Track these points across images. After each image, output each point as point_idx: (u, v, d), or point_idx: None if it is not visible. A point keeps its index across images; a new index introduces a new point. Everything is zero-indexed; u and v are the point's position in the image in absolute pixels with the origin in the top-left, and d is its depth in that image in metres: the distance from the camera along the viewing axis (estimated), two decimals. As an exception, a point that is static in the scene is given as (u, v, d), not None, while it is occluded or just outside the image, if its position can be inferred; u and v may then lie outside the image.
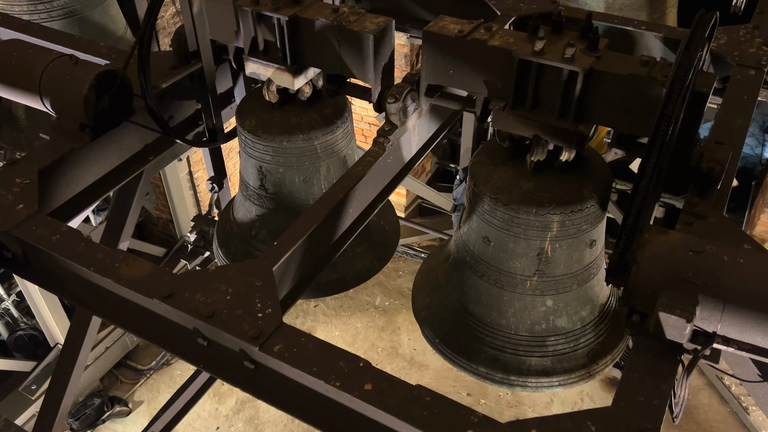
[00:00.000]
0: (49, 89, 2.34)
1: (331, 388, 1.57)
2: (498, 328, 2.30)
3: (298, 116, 2.69)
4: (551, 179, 2.16)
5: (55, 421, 3.05)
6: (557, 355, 2.29)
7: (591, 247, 2.25)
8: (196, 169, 7.33)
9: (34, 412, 6.37)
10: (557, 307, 2.28)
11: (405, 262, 8.60)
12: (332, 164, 2.82)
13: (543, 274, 2.23)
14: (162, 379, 7.46)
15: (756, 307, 1.50)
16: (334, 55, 2.36)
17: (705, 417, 6.62)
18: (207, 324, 1.72)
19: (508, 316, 2.29)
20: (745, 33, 2.53)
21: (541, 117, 2.04)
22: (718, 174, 1.87)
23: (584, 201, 2.12)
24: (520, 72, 2.00)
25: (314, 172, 2.79)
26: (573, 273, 2.26)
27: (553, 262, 2.21)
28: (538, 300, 2.27)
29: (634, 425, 1.46)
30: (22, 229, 2.00)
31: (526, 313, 2.28)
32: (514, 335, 2.29)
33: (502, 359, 2.29)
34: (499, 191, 2.17)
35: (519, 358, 2.28)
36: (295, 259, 2.02)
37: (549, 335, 2.29)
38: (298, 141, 2.68)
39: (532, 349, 2.29)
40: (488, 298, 2.31)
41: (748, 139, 2.15)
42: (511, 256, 2.23)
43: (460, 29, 2.09)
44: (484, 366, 2.29)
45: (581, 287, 2.30)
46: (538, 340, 2.29)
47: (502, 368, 2.28)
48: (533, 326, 2.29)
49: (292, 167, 2.76)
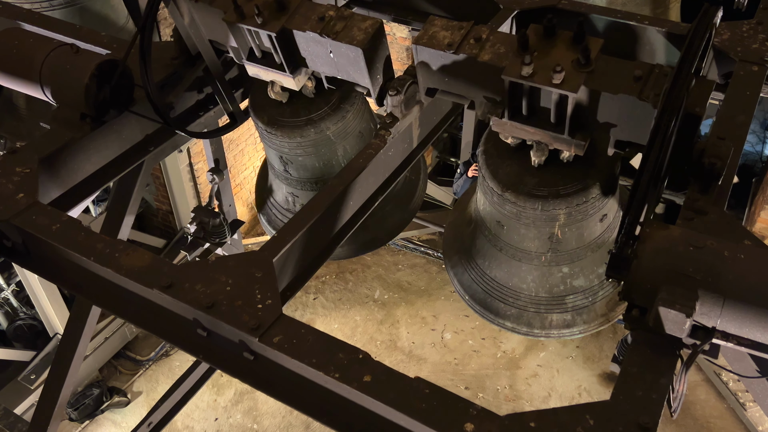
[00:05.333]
0: (49, 78, 2.33)
1: (330, 380, 1.57)
2: (520, 291, 2.46)
3: (307, 109, 2.70)
4: (555, 173, 2.17)
5: (54, 410, 3.06)
6: (577, 309, 2.45)
7: (602, 221, 2.31)
8: (197, 161, 7.32)
9: (33, 402, 6.38)
10: (573, 271, 2.40)
11: (405, 255, 8.60)
12: (348, 144, 2.86)
13: (556, 251, 2.33)
14: (161, 369, 7.47)
15: (756, 303, 1.50)
16: (329, 61, 2.34)
17: (702, 412, 6.64)
18: (207, 314, 1.72)
19: (528, 282, 2.43)
20: (748, 29, 2.52)
21: (538, 125, 2.04)
22: (719, 170, 1.87)
23: (588, 191, 2.15)
24: (512, 89, 1.99)
25: (332, 156, 2.85)
26: (586, 245, 2.35)
27: (565, 241, 2.30)
28: (555, 269, 2.39)
29: (632, 419, 1.46)
30: (22, 219, 2.00)
31: (545, 279, 2.42)
32: (535, 296, 2.45)
33: (526, 316, 2.48)
34: (505, 187, 2.21)
35: (541, 314, 2.46)
36: (296, 251, 2.03)
37: (568, 294, 2.43)
38: (310, 135, 2.72)
39: (552, 306, 2.45)
40: (508, 267, 2.45)
41: (748, 136, 2.15)
42: (523, 239, 2.34)
43: (449, 41, 2.06)
44: (510, 321, 2.50)
45: (596, 252, 2.38)
46: (557, 299, 2.44)
47: (526, 323, 2.48)
48: (552, 288, 2.42)
49: (310, 156, 2.83)
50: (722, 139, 1.99)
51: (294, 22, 2.27)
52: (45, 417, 3.07)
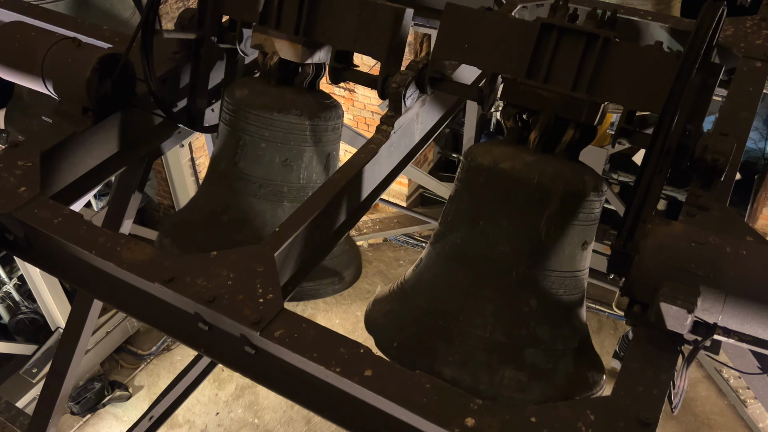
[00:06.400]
0: (51, 72, 2.33)
1: (331, 374, 1.57)
2: (472, 327, 2.11)
3: (294, 95, 2.62)
4: (554, 156, 2.16)
5: (55, 404, 3.06)
6: (534, 371, 2.08)
7: (582, 249, 2.20)
8: (198, 155, 7.33)
9: (34, 395, 6.40)
10: (541, 311, 2.14)
11: (406, 251, 8.61)
12: (316, 155, 2.68)
13: (533, 263, 2.12)
14: (162, 364, 7.49)
15: (757, 299, 1.50)
16: (350, 28, 2.34)
17: (703, 409, 6.64)
18: (208, 309, 1.72)
19: (486, 314, 2.12)
20: (751, 25, 2.51)
21: (554, 88, 2.07)
22: (722, 165, 1.86)
23: (585, 185, 2.10)
24: (539, 39, 2.06)
25: (297, 156, 2.63)
26: (562, 272, 2.15)
27: (545, 249, 2.12)
28: (523, 297, 2.13)
29: (633, 415, 1.46)
30: (24, 212, 2.00)
31: (507, 311, 2.12)
32: (489, 338, 2.08)
33: (472, 366, 2.08)
34: (499, 160, 2.13)
35: (492, 366, 2.06)
36: (297, 246, 2.02)
37: (527, 345, 2.08)
38: (290, 115, 2.56)
39: (507, 359, 2.06)
40: (464, 289, 2.16)
41: (751, 132, 2.14)
42: (502, 235, 2.13)
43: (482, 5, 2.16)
44: (451, 369, 2.08)
45: (568, 296, 2.18)
46: (515, 348, 2.09)
47: (471, 374, 2.06)
48: (512, 330, 2.10)
49: (275, 143, 2.59)
50: (725, 135, 1.98)
51: None
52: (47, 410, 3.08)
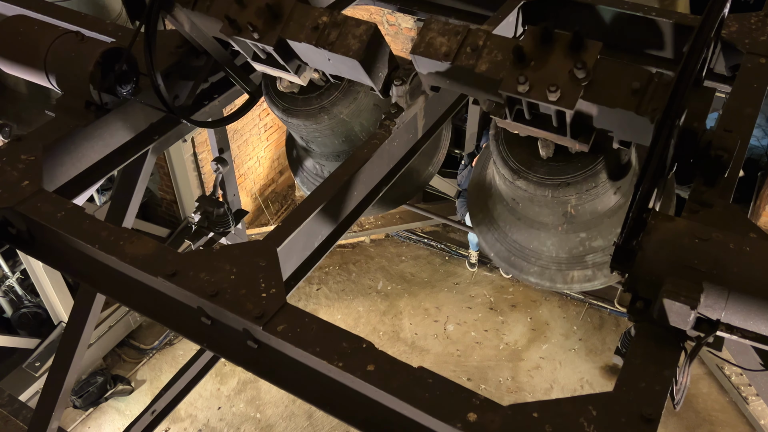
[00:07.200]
0: (54, 66, 2.33)
1: (333, 369, 1.57)
2: (540, 252, 2.59)
3: (319, 98, 2.75)
4: (564, 162, 2.19)
5: (58, 398, 3.07)
6: (597, 265, 2.55)
7: (616, 194, 2.35)
8: (201, 150, 7.32)
9: (37, 389, 6.42)
10: (591, 235, 2.49)
11: (408, 247, 8.60)
12: (364, 119, 2.92)
13: (572, 222, 2.43)
14: (164, 358, 7.50)
15: (761, 296, 1.50)
16: (329, 65, 2.32)
17: (704, 406, 6.64)
18: (211, 303, 1.72)
19: (548, 245, 2.55)
20: (756, 21, 2.50)
21: (542, 127, 2.04)
22: (726, 162, 1.86)
23: (598, 177, 2.17)
24: (510, 100, 1.98)
25: (349, 131, 2.93)
26: (602, 214, 2.41)
27: (579, 215, 2.39)
28: (572, 236, 2.50)
29: (635, 410, 1.46)
30: (26, 206, 2.00)
31: (563, 244, 2.53)
32: (556, 257, 2.57)
33: (549, 273, 2.61)
34: (515, 176, 2.27)
35: (563, 272, 2.60)
36: (300, 240, 2.03)
37: (587, 254, 2.53)
38: (324, 121, 2.78)
39: (573, 264, 2.57)
40: (528, 233, 2.58)
41: (754, 129, 2.14)
42: (538, 215, 2.46)
43: (446, 50, 2.03)
44: (534, 277, 2.64)
45: (612, 217, 2.44)
46: (577, 258, 2.55)
47: (549, 279, 2.61)
48: (572, 250, 2.53)
49: (328, 136, 2.94)
50: (729, 131, 1.98)
51: (289, 32, 2.22)
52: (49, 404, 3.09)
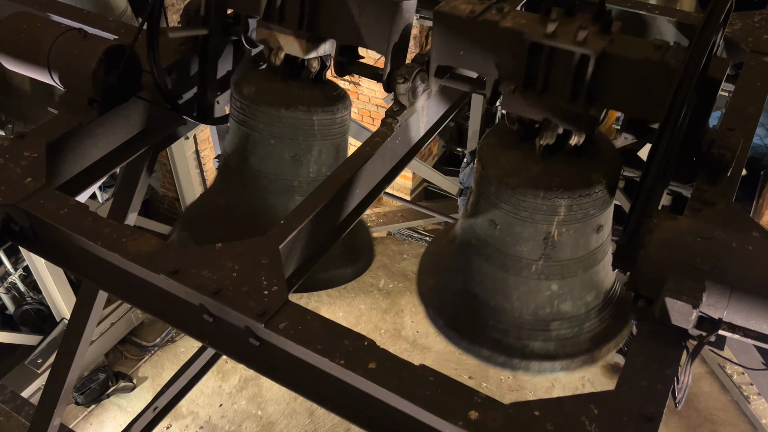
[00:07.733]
0: (57, 63, 2.33)
1: (335, 366, 1.57)
2: (502, 311, 2.30)
3: (301, 90, 2.62)
4: (560, 163, 2.14)
5: (60, 394, 3.08)
6: (561, 340, 2.29)
7: (597, 233, 2.24)
8: (203, 148, 7.33)
9: (39, 386, 6.44)
10: (562, 291, 2.27)
11: (410, 245, 8.61)
12: (325, 148, 2.71)
13: (549, 258, 2.22)
14: (166, 355, 7.52)
15: (763, 295, 1.50)
16: (352, 23, 2.31)
17: (705, 405, 6.64)
18: (213, 300, 1.72)
19: (513, 300, 2.28)
20: (760, 19, 2.50)
21: (552, 100, 2.03)
22: (728, 160, 1.86)
23: (592, 186, 2.11)
24: (531, 55, 1.98)
25: (306, 151, 2.67)
26: (579, 258, 2.24)
27: (560, 247, 2.20)
28: (543, 284, 2.26)
29: (636, 409, 1.46)
30: (29, 203, 2.00)
31: (531, 297, 2.27)
32: (518, 318, 2.28)
33: (506, 342, 2.28)
34: (507, 174, 2.15)
35: (522, 341, 2.29)
36: (302, 238, 2.02)
37: (553, 320, 2.28)
38: (297, 111, 2.58)
39: (535, 332, 2.28)
40: (493, 281, 2.30)
41: (757, 128, 2.14)
42: (517, 239, 2.22)
43: (471, 10, 2.06)
44: (488, 348, 2.29)
45: (586, 272, 2.28)
46: (542, 324, 2.28)
47: (505, 351, 2.27)
48: (537, 310, 2.28)
49: (284, 140, 2.63)
50: (732, 130, 1.97)
51: None
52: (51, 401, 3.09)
